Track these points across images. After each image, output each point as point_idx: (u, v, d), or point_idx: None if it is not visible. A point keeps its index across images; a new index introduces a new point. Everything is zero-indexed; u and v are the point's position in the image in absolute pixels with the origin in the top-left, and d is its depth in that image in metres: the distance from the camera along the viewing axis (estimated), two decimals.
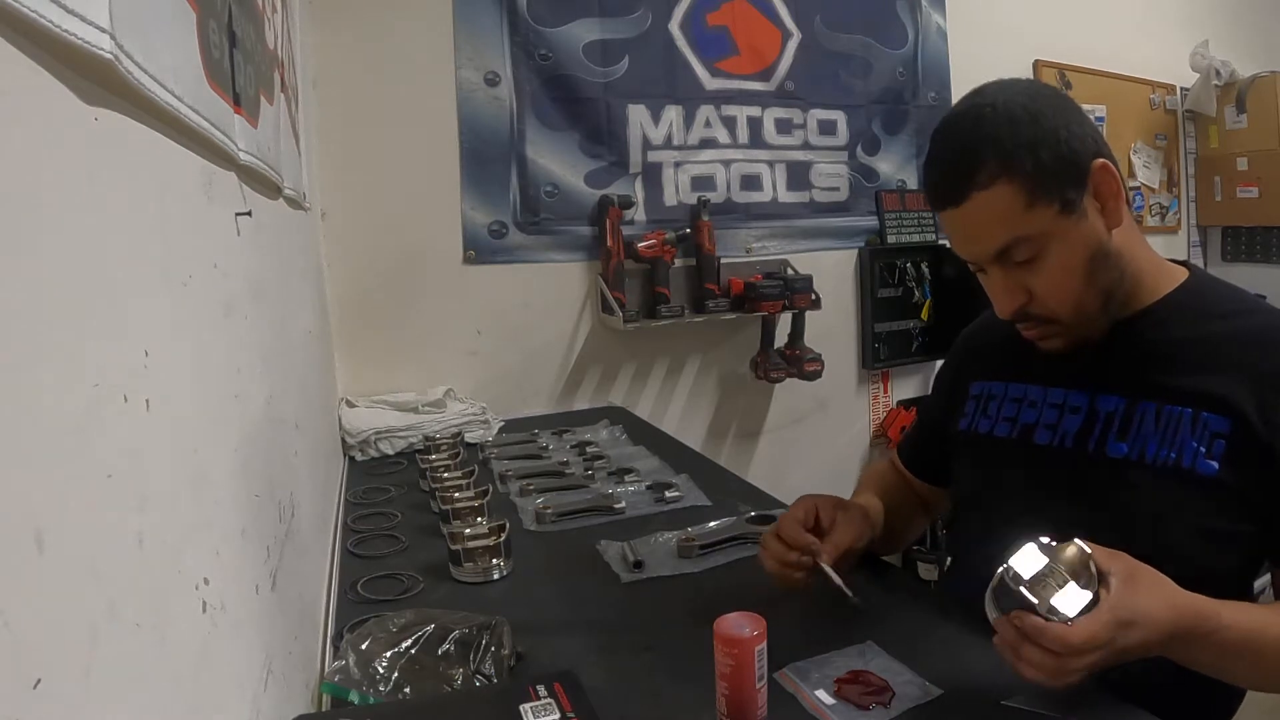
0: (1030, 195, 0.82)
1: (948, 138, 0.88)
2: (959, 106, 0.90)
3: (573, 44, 2.22)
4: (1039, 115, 0.83)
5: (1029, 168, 0.82)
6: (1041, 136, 0.82)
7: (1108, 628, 0.67)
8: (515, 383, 2.20)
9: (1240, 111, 3.26)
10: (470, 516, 1.23)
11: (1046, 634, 0.67)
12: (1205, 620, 0.72)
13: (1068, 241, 0.85)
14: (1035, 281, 0.87)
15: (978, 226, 0.86)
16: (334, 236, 2.00)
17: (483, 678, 0.80)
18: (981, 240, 0.87)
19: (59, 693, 0.31)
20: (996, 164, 0.82)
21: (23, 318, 0.32)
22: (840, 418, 2.70)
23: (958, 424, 1.06)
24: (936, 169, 0.88)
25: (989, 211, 0.84)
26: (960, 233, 0.88)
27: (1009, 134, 0.82)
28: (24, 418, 0.32)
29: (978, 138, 0.84)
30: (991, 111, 0.84)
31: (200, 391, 0.57)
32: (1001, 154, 0.82)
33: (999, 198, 0.83)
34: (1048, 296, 0.87)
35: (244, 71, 0.76)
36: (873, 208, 2.68)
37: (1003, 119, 0.83)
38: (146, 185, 0.50)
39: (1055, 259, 0.85)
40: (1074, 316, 0.89)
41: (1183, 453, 0.83)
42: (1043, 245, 0.85)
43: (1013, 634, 0.70)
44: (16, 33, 0.33)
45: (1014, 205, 0.83)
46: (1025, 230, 0.84)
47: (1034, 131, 0.82)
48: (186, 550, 0.49)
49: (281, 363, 0.97)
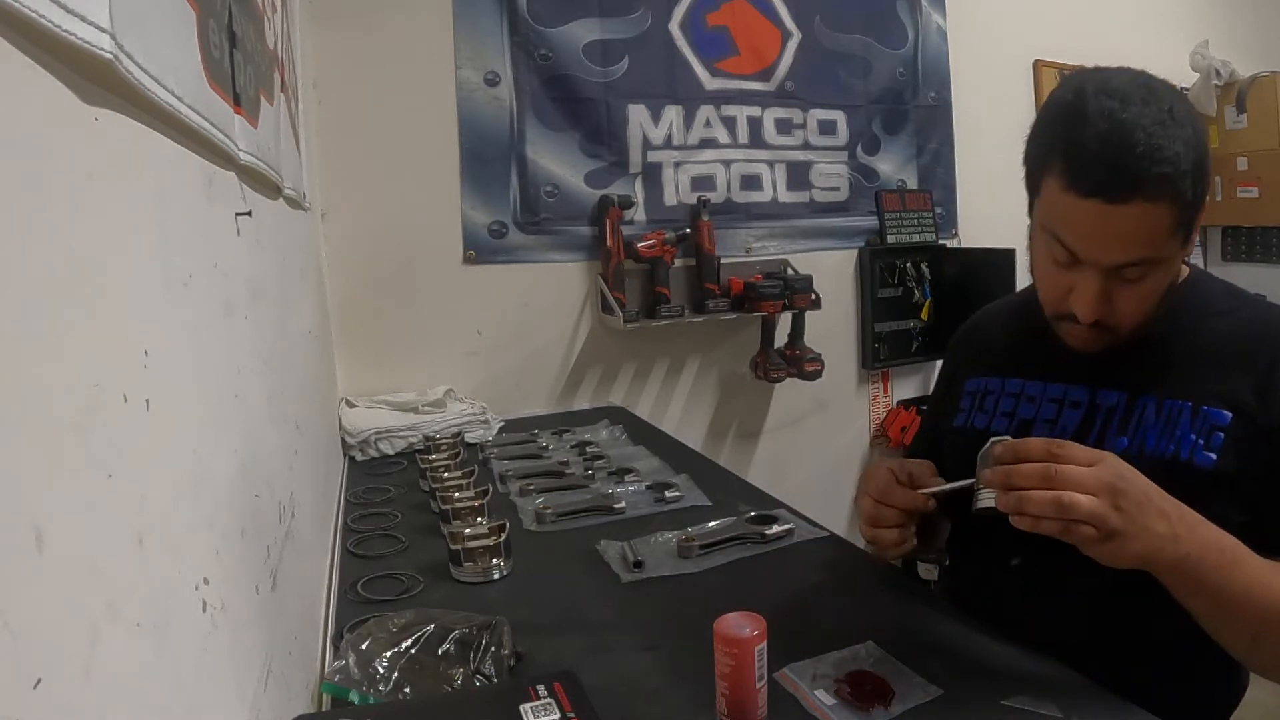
0: (1179, 222, 0.80)
1: (1126, 131, 0.77)
2: (1124, 93, 0.79)
3: (573, 44, 2.22)
4: (1203, 142, 0.80)
5: (1189, 196, 0.79)
6: (1203, 166, 0.79)
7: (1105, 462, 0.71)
8: (515, 383, 2.20)
9: (1240, 111, 3.26)
10: (470, 516, 1.23)
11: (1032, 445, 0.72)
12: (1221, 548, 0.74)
13: (1170, 269, 0.84)
14: (1125, 295, 0.84)
15: (1122, 233, 0.80)
16: (334, 236, 2.00)
17: (483, 678, 0.80)
18: (1119, 248, 0.81)
19: (59, 693, 0.31)
20: (1169, 181, 0.77)
21: (23, 317, 0.32)
22: (840, 418, 2.70)
23: (953, 422, 1.06)
24: (1106, 156, 0.78)
25: (1141, 224, 0.79)
26: (1097, 230, 0.81)
27: (1184, 153, 0.77)
28: (24, 418, 0.32)
29: (1162, 146, 0.77)
30: (1172, 121, 0.78)
31: (200, 391, 0.57)
32: (1176, 173, 0.77)
33: (1157, 215, 0.78)
34: (1128, 313, 0.85)
35: (244, 71, 0.76)
36: (873, 208, 2.68)
37: (1180, 135, 0.77)
38: (146, 185, 0.50)
39: (1154, 281, 0.84)
40: (1135, 332, 0.88)
41: (1181, 445, 0.84)
42: (1155, 268, 0.83)
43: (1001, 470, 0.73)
44: (16, 33, 0.33)
45: (1164, 227, 0.79)
46: (1159, 254, 0.81)
47: (1200, 159, 0.79)
48: (186, 550, 0.49)
49: (281, 363, 0.97)
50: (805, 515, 1.26)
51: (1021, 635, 0.86)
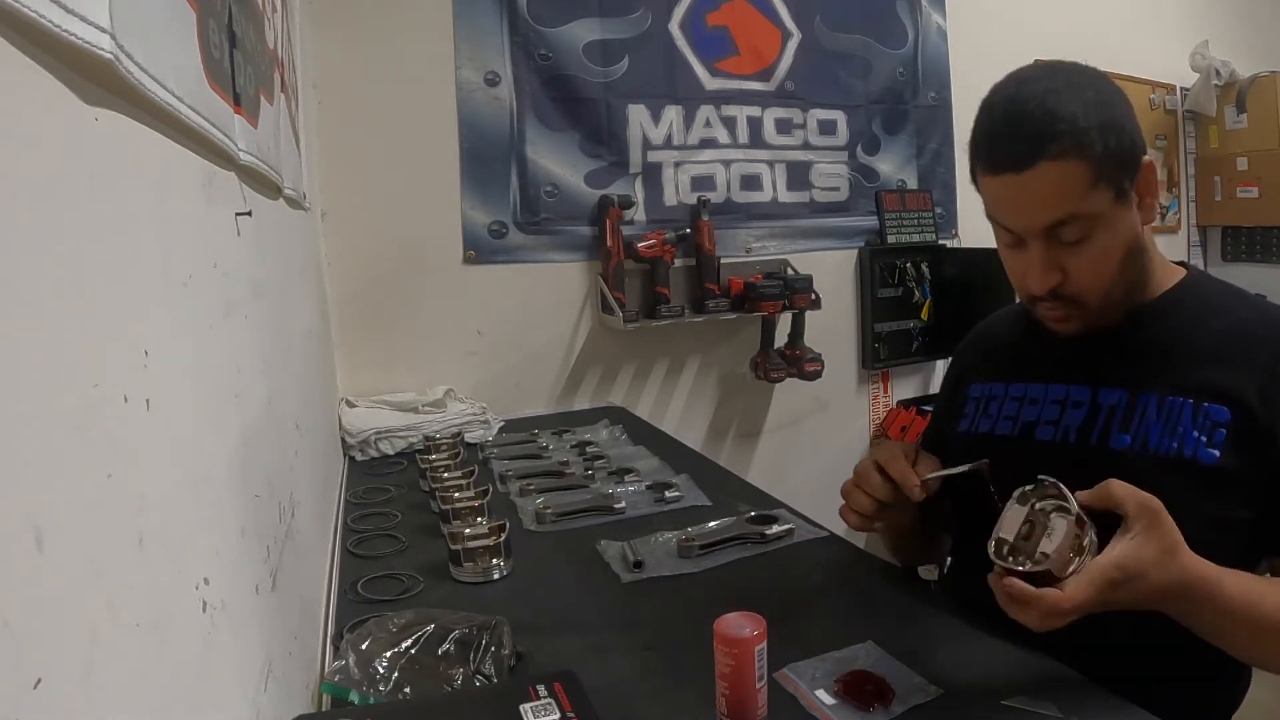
0: (1095, 176, 0.83)
1: (1019, 104, 0.85)
2: (1025, 75, 0.88)
3: (573, 44, 2.22)
4: (1110, 102, 0.85)
5: (1098, 149, 0.82)
6: (1112, 122, 0.84)
7: (1100, 590, 0.70)
8: (515, 383, 2.20)
9: (1240, 111, 3.26)
10: (470, 516, 1.23)
11: (1037, 602, 0.71)
12: (1205, 584, 0.74)
13: (1114, 229, 0.86)
14: (1075, 262, 0.88)
15: (1038, 196, 0.85)
16: (334, 236, 2.00)
17: (483, 678, 0.80)
18: (1038, 211, 0.86)
19: (59, 693, 0.31)
20: (1070, 139, 0.82)
21: (23, 317, 0.32)
22: (840, 418, 2.70)
23: (957, 427, 1.06)
24: (1004, 131, 0.86)
25: (1054, 183, 0.84)
26: (1016, 200, 0.87)
27: (1083, 113, 0.82)
28: (24, 418, 0.32)
29: (1052, 110, 0.83)
30: (1066, 88, 0.84)
31: (200, 391, 0.57)
32: (1078, 130, 0.82)
33: (1068, 171, 0.83)
34: (1083, 279, 0.88)
35: (244, 71, 0.76)
36: (873, 208, 2.68)
37: (1078, 98, 0.83)
38: (146, 185, 0.50)
39: (1099, 243, 0.86)
40: (1101, 302, 0.90)
41: (1184, 442, 0.85)
42: (1092, 228, 0.86)
43: (1005, 599, 0.73)
44: (16, 33, 0.33)
45: (1079, 182, 0.83)
46: (1082, 209, 0.84)
47: (1105, 115, 0.83)
48: (186, 550, 0.49)
49: (281, 363, 0.97)
50: (805, 515, 1.26)
51: (1021, 635, 0.86)
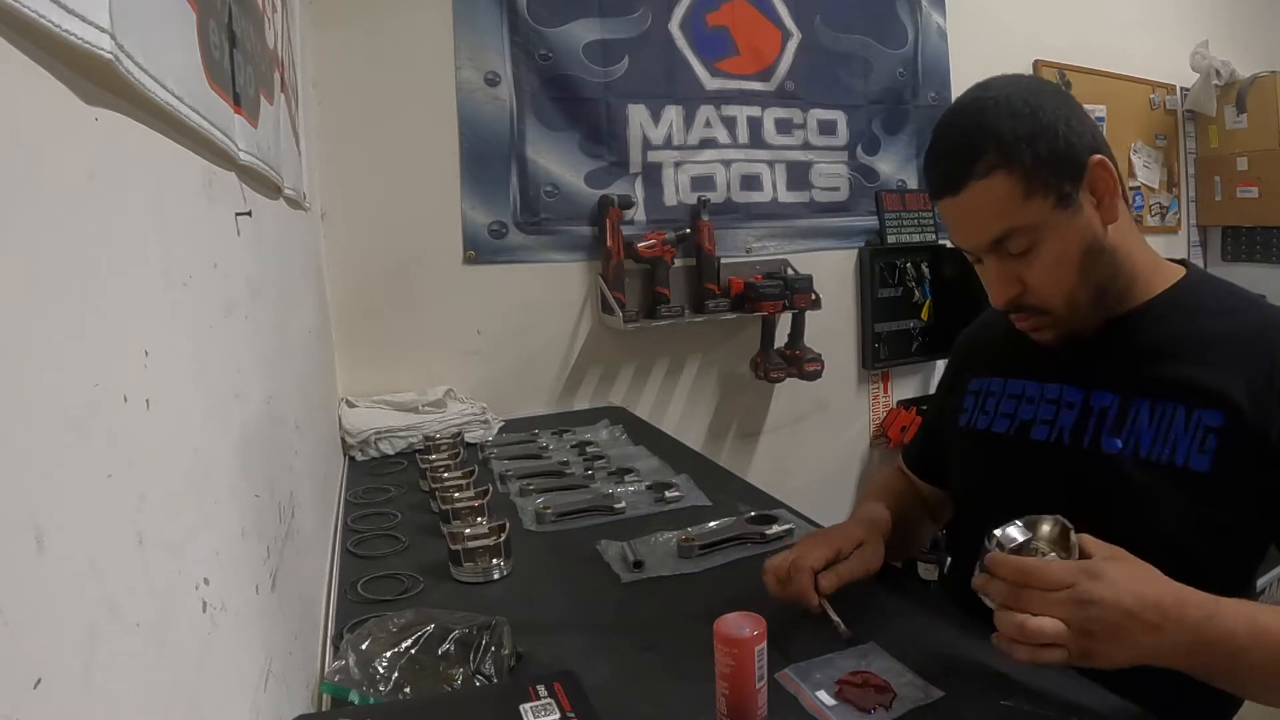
0: (1027, 187, 0.84)
1: (949, 128, 0.90)
2: (962, 99, 0.91)
3: (573, 44, 2.22)
4: (1039, 110, 0.85)
5: (1027, 160, 0.84)
6: (1040, 130, 0.84)
7: (1071, 571, 0.70)
8: (515, 383, 2.20)
9: (1240, 111, 3.26)
10: (470, 516, 1.23)
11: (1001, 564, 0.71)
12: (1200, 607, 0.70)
13: (1062, 235, 0.86)
14: (1029, 273, 0.89)
15: (974, 216, 0.88)
16: (334, 236, 2.00)
17: (483, 678, 0.80)
18: (978, 230, 0.88)
19: (59, 693, 0.31)
20: (995, 155, 0.84)
21: (23, 318, 0.32)
22: (840, 418, 2.70)
23: (957, 421, 1.06)
24: (936, 158, 0.90)
25: (986, 201, 0.86)
26: (957, 222, 0.90)
27: (1009, 127, 0.84)
28: (24, 418, 0.32)
29: (978, 129, 0.86)
30: (993, 104, 0.86)
31: (200, 391, 0.57)
32: (1001, 145, 0.84)
33: (996, 188, 0.85)
34: (1040, 288, 0.89)
35: (244, 71, 0.76)
36: (873, 208, 2.68)
37: (1004, 112, 0.85)
38: (146, 185, 0.50)
39: (1049, 251, 0.87)
40: (1066, 309, 0.90)
41: (1176, 448, 0.84)
42: (1037, 237, 0.86)
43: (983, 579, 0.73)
44: (16, 33, 0.33)
45: (1011, 196, 0.85)
46: (1021, 221, 0.86)
47: (1033, 125, 0.84)
48: (186, 550, 0.49)
49: (281, 363, 0.97)
50: (805, 515, 1.26)
51: None
